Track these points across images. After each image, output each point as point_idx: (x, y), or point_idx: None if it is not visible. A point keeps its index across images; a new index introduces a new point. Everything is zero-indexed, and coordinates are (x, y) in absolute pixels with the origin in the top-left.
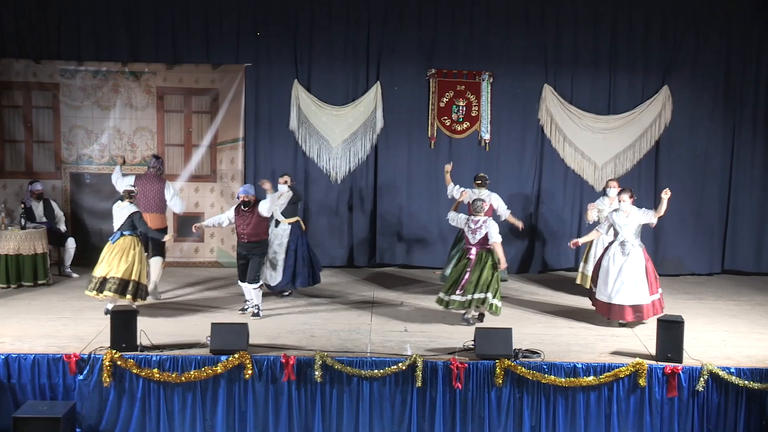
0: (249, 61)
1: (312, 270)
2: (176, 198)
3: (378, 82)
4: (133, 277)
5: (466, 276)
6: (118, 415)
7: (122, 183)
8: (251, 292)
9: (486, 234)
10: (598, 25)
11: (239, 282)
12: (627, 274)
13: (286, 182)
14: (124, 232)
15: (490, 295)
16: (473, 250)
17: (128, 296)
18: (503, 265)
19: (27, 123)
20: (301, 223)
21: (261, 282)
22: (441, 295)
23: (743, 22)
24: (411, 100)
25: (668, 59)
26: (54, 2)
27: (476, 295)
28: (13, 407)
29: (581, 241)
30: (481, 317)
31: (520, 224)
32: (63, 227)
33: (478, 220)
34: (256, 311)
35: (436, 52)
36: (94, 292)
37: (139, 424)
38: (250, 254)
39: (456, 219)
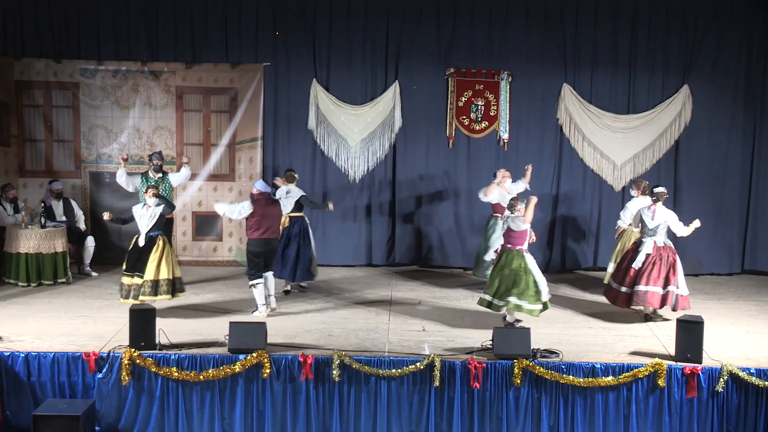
0: (268, 60)
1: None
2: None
3: (396, 81)
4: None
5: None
6: (137, 413)
7: (131, 181)
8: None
9: (508, 229)
10: (617, 24)
11: None
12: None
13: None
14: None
15: (512, 298)
16: (498, 249)
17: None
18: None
19: (47, 122)
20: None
21: (252, 282)
22: (483, 295)
23: (764, 21)
24: (429, 99)
25: (688, 58)
26: (74, 2)
27: (510, 299)
28: (32, 405)
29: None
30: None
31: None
32: (82, 226)
33: (506, 216)
34: (253, 309)
35: (454, 51)
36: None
37: (158, 423)
38: None
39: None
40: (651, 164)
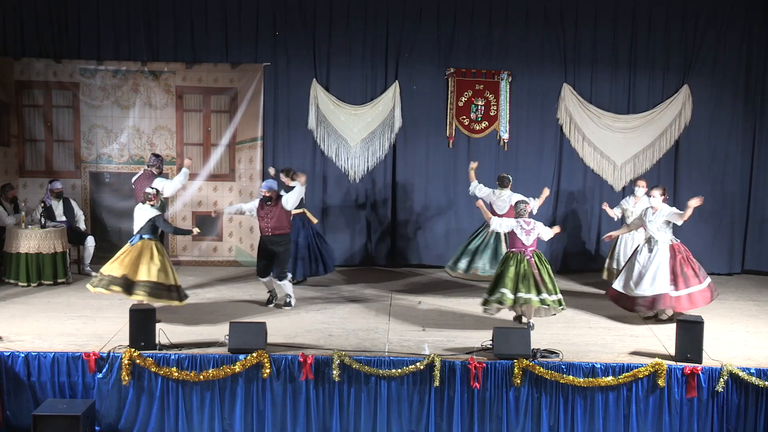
0: (268, 60)
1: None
2: (168, 183)
3: (396, 81)
4: (142, 279)
5: (538, 278)
6: (137, 413)
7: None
8: (278, 285)
9: (539, 234)
10: (617, 24)
11: (259, 277)
12: (650, 269)
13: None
14: (143, 236)
15: (546, 295)
16: (529, 251)
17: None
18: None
19: (47, 122)
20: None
21: (288, 276)
22: (486, 296)
23: (764, 20)
24: (429, 99)
25: (688, 58)
26: (74, 2)
27: (543, 296)
28: (33, 405)
29: (614, 234)
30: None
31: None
32: (82, 226)
33: (530, 221)
34: (288, 300)
35: (454, 51)
36: (100, 288)
37: (158, 423)
38: (275, 247)
39: (505, 224)
40: (651, 164)
